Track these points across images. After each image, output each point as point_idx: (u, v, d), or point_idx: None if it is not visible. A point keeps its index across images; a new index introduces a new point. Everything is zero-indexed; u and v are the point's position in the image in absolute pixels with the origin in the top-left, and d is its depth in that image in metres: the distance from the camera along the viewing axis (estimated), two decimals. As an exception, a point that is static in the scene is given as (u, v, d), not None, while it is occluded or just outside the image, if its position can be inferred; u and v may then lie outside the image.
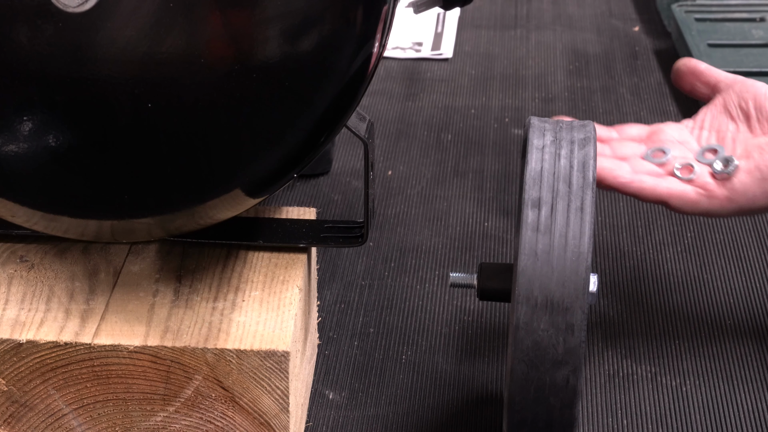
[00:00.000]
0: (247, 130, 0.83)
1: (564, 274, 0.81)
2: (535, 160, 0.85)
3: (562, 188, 0.84)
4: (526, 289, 0.81)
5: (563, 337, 0.81)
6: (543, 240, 0.82)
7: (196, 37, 0.78)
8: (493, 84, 1.54)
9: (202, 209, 0.87)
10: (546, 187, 0.84)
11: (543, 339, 0.81)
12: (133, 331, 0.88)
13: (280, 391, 0.88)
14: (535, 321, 0.81)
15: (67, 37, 0.78)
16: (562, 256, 0.82)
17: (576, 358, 0.81)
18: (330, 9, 0.81)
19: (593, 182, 0.84)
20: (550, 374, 0.81)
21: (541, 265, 0.82)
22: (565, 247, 0.82)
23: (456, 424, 0.99)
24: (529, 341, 0.81)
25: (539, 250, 0.82)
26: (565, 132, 0.87)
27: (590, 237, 0.82)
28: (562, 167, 0.85)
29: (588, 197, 0.83)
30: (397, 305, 1.12)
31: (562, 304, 0.81)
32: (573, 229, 0.82)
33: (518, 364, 0.82)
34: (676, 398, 1.01)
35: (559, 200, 0.83)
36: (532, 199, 0.84)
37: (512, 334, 0.82)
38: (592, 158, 0.85)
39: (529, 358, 0.82)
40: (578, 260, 0.82)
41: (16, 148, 0.82)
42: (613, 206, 1.26)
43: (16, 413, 0.89)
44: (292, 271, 0.94)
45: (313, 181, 1.32)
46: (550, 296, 0.81)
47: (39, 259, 0.95)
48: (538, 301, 0.81)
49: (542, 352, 0.81)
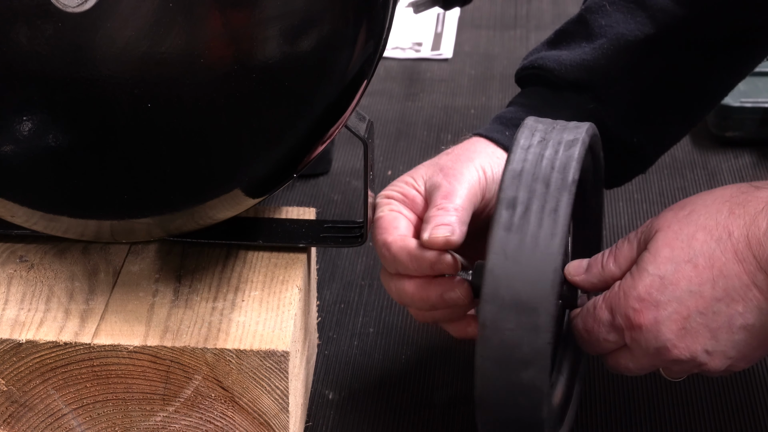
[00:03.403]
0: (246, 130, 0.83)
1: (532, 274, 0.81)
2: (516, 160, 0.85)
3: (540, 189, 0.83)
4: (494, 288, 0.81)
5: (529, 338, 0.81)
6: (514, 240, 0.82)
7: (196, 37, 0.78)
8: (493, 84, 1.54)
9: (201, 209, 0.87)
10: (523, 187, 0.83)
11: (509, 338, 0.81)
12: (132, 331, 0.88)
13: (279, 390, 0.88)
14: (502, 320, 0.81)
15: (67, 37, 0.78)
16: (531, 257, 0.81)
17: (543, 358, 0.81)
18: (330, 9, 0.81)
19: (572, 184, 0.83)
20: (517, 374, 0.81)
21: (511, 264, 0.81)
22: (535, 247, 0.81)
23: (456, 423, 0.99)
24: (495, 340, 0.81)
25: (509, 249, 0.82)
26: (556, 133, 0.87)
27: (562, 238, 0.82)
28: (543, 168, 0.84)
29: (564, 199, 0.83)
30: (397, 305, 1.12)
31: (529, 304, 0.81)
32: (545, 230, 0.82)
33: (485, 362, 0.82)
34: (675, 397, 1.01)
35: (535, 200, 0.83)
36: (507, 199, 0.83)
37: (479, 333, 0.82)
38: (575, 160, 0.84)
39: (496, 357, 0.81)
40: (547, 261, 0.81)
41: (16, 148, 0.82)
42: (613, 206, 1.26)
43: (16, 413, 0.89)
44: (292, 271, 0.94)
45: (312, 181, 1.32)
46: (516, 296, 0.81)
47: (39, 259, 0.95)
48: (505, 300, 0.81)
49: (509, 351, 0.81)
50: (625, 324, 0.84)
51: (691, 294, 0.82)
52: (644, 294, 0.83)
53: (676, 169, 1.34)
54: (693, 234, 0.83)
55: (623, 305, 0.83)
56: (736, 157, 1.36)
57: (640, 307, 0.83)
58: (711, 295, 0.82)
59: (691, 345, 0.83)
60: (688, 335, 0.83)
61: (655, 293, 0.83)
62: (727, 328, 0.83)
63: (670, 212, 0.85)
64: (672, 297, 0.82)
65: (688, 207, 0.85)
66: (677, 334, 0.83)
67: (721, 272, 0.82)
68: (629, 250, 0.86)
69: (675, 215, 0.84)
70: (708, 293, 0.82)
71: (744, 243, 0.81)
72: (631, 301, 0.83)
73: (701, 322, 0.83)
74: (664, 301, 0.82)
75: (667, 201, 1.28)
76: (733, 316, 0.82)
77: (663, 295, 0.82)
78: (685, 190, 1.30)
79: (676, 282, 0.82)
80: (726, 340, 0.83)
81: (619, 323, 0.84)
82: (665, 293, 0.82)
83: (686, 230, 0.83)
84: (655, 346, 0.83)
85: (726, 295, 0.82)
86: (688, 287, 0.82)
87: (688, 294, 0.82)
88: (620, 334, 0.85)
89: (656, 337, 0.83)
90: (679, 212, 0.85)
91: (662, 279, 0.82)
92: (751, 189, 0.84)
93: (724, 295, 0.82)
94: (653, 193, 1.30)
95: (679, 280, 0.82)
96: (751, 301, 0.82)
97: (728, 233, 0.82)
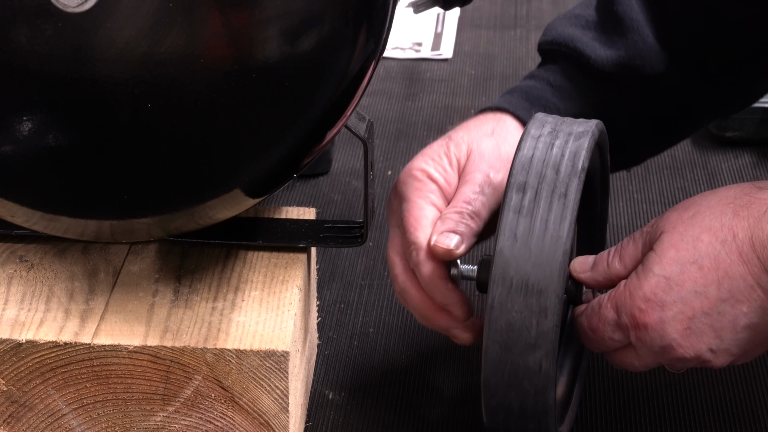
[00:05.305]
0: (246, 130, 0.83)
1: (541, 257, 0.81)
2: (527, 147, 0.86)
3: (550, 174, 0.84)
4: (503, 270, 0.82)
5: (536, 320, 0.81)
6: (523, 222, 0.82)
7: (196, 37, 0.78)
8: (493, 84, 1.54)
9: (201, 209, 0.87)
10: (534, 172, 0.84)
11: (516, 321, 0.81)
12: (132, 331, 0.88)
13: (279, 391, 0.88)
14: (510, 302, 0.81)
15: (67, 37, 0.78)
16: (541, 239, 0.82)
17: (549, 342, 0.81)
18: (330, 9, 0.81)
19: (581, 171, 0.84)
20: (523, 357, 0.81)
21: (520, 246, 0.82)
22: (545, 230, 0.82)
23: (456, 423, 0.99)
24: (502, 322, 0.81)
25: (519, 232, 0.82)
26: (566, 125, 0.88)
27: (571, 223, 0.82)
28: (553, 155, 0.85)
29: (574, 185, 0.83)
30: (397, 305, 1.12)
31: (536, 287, 0.81)
32: (555, 213, 0.82)
33: (492, 345, 0.82)
34: (675, 396, 1.01)
35: (545, 185, 0.83)
36: (517, 183, 0.84)
37: (487, 314, 0.82)
38: (585, 149, 0.85)
39: (502, 339, 0.82)
40: (556, 244, 0.82)
41: (16, 148, 0.82)
42: (613, 206, 1.26)
43: (16, 413, 0.89)
44: (292, 271, 0.94)
45: (312, 181, 1.32)
46: (525, 278, 0.81)
47: (38, 259, 0.95)
48: (513, 282, 0.81)
49: (515, 334, 0.81)
50: (630, 323, 0.84)
51: (697, 295, 0.83)
52: (650, 294, 0.83)
53: (676, 169, 1.34)
54: (698, 236, 0.83)
55: (629, 305, 0.84)
56: (736, 157, 1.36)
57: (646, 307, 0.83)
58: (716, 296, 0.82)
59: (696, 344, 0.84)
60: (693, 335, 0.83)
61: (660, 294, 0.83)
62: (731, 327, 0.83)
63: (675, 213, 0.86)
64: (677, 297, 0.83)
65: (693, 208, 0.85)
66: (682, 333, 0.83)
67: (726, 274, 0.82)
68: (634, 250, 0.86)
69: (680, 216, 0.85)
70: (713, 294, 0.83)
71: (748, 245, 0.82)
72: (637, 301, 0.83)
73: (706, 322, 0.83)
74: (669, 302, 0.83)
75: (667, 201, 1.28)
76: (737, 316, 0.83)
77: (668, 295, 0.83)
78: (685, 190, 1.30)
79: (681, 283, 0.83)
80: (730, 339, 0.83)
81: (624, 322, 0.84)
82: (671, 294, 0.83)
83: (691, 232, 0.83)
84: (660, 345, 0.84)
85: (731, 296, 0.82)
86: (693, 288, 0.83)
87: (694, 295, 0.83)
88: (625, 333, 0.85)
89: (661, 337, 0.83)
90: (683, 213, 0.85)
91: (668, 280, 0.83)
92: (754, 190, 0.84)
93: (729, 296, 0.82)
94: (653, 193, 1.30)
95: (684, 281, 0.83)
96: (755, 302, 0.82)
97: (733, 235, 0.82)
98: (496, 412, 0.84)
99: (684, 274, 0.83)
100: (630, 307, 0.84)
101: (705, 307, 0.83)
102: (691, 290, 0.83)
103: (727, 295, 0.83)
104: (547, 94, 0.99)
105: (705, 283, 0.83)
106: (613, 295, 0.85)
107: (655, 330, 0.83)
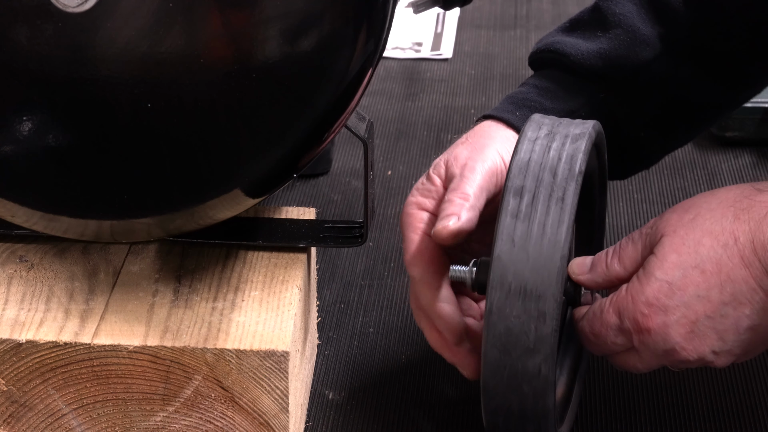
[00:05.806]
0: (246, 130, 0.83)
1: (539, 261, 0.81)
2: (524, 150, 0.85)
3: (547, 178, 0.84)
4: (501, 275, 0.82)
5: (535, 325, 0.81)
6: (521, 227, 0.82)
7: (196, 37, 0.78)
8: (493, 84, 1.54)
9: (201, 209, 0.87)
10: (531, 176, 0.84)
11: (515, 326, 0.81)
12: (132, 331, 0.88)
13: (279, 391, 0.88)
14: (508, 307, 0.81)
15: (67, 37, 0.78)
16: (539, 244, 0.82)
17: (547, 346, 0.81)
18: (330, 9, 0.81)
19: (579, 175, 0.84)
20: (522, 362, 0.81)
21: (517, 251, 0.82)
22: (543, 235, 0.82)
23: (456, 423, 0.99)
24: (501, 327, 0.81)
25: (516, 236, 0.82)
26: (563, 127, 0.87)
27: (569, 227, 0.82)
28: (550, 159, 0.85)
29: (571, 188, 0.83)
30: (397, 305, 1.12)
31: (535, 292, 0.81)
32: (552, 218, 0.82)
33: (491, 349, 0.82)
34: (675, 397, 1.01)
35: (542, 189, 0.83)
36: (515, 187, 0.84)
37: (486, 319, 0.82)
38: (582, 152, 0.85)
39: (501, 344, 0.82)
40: (554, 248, 0.81)
41: (16, 148, 0.82)
42: (612, 206, 1.26)
43: (16, 413, 0.89)
44: (292, 271, 0.94)
45: (312, 181, 1.32)
46: (523, 283, 0.81)
47: (38, 259, 0.95)
48: (512, 287, 0.81)
49: (514, 339, 0.81)
50: (633, 328, 0.84)
51: (699, 299, 0.83)
52: (652, 299, 0.83)
53: (676, 169, 1.34)
54: (699, 239, 0.83)
55: (631, 310, 0.84)
56: (736, 157, 1.36)
57: (649, 312, 0.83)
58: (719, 299, 0.83)
59: (699, 347, 0.84)
60: (696, 338, 0.83)
61: (663, 298, 0.83)
62: (734, 330, 0.83)
63: (675, 215, 0.86)
64: (680, 302, 0.83)
65: (693, 210, 0.85)
66: (685, 337, 0.83)
67: (729, 277, 0.82)
68: (634, 251, 0.86)
69: (680, 219, 0.85)
70: (716, 298, 0.83)
71: (750, 248, 0.82)
72: (640, 305, 0.83)
73: (709, 326, 0.83)
74: (672, 306, 0.83)
75: (666, 201, 1.28)
76: (740, 318, 0.83)
77: (671, 300, 0.83)
78: (685, 190, 1.30)
79: (684, 287, 0.83)
80: (733, 340, 0.84)
81: (627, 327, 0.84)
82: (673, 298, 0.83)
83: (692, 235, 0.83)
84: (663, 348, 0.84)
85: (733, 299, 0.82)
86: (696, 292, 0.83)
87: (696, 299, 0.83)
88: (628, 337, 0.85)
89: (665, 341, 0.84)
90: (683, 216, 0.85)
91: (670, 284, 0.83)
92: (754, 192, 0.84)
93: (732, 299, 0.82)
94: (653, 193, 1.30)
95: (687, 285, 0.83)
96: (757, 304, 0.82)
97: (734, 238, 0.82)
98: (495, 414, 0.85)
99: (686, 279, 0.83)
100: (632, 312, 0.84)
101: (708, 311, 0.83)
102: (693, 294, 0.83)
103: (730, 298, 0.83)
104: (532, 95, 0.99)
105: (707, 287, 0.83)
106: (615, 299, 0.85)
107: (658, 334, 0.83)
